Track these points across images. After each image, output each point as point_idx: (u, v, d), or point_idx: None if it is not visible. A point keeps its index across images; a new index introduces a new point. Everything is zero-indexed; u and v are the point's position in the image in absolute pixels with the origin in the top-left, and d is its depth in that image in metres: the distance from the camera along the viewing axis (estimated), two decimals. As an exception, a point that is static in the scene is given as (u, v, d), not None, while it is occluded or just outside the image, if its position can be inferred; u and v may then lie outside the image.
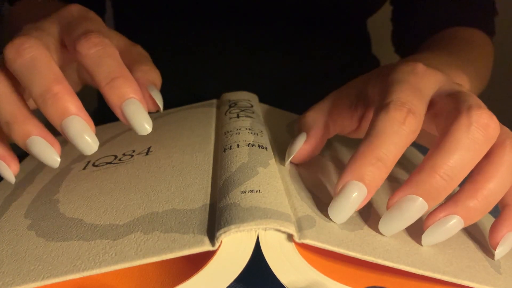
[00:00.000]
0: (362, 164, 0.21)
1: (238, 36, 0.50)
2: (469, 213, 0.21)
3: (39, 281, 0.19)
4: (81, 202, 0.25)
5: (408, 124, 0.21)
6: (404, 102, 0.22)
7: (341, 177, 0.22)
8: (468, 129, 0.21)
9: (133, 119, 0.24)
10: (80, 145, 0.23)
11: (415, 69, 0.25)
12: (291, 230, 0.20)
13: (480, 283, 0.21)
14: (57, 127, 0.23)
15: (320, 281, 0.20)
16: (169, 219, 0.22)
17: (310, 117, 0.28)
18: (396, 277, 0.23)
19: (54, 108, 0.22)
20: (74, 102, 0.23)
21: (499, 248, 0.23)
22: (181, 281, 0.20)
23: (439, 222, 0.22)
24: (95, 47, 0.24)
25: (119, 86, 0.23)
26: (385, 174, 0.21)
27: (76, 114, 0.23)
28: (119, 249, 0.20)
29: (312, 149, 0.27)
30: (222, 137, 0.29)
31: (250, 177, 0.23)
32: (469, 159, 0.21)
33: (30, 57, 0.23)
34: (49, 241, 0.21)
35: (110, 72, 0.23)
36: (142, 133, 0.24)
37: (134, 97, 0.24)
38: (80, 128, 0.23)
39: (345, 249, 0.20)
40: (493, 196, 0.21)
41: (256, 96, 0.38)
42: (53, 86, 0.22)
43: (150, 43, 0.53)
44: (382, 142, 0.21)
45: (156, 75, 0.29)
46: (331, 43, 0.53)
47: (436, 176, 0.21)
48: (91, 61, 0.24)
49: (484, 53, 0.46)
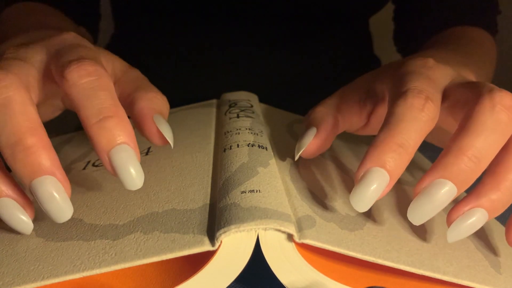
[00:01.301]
0: (383, 151, 0.20)
1: (238, 35, 0.50)
2: (493, 205, 0.21)
3: (39, 281, 0.19)
4: (81, 202, 0.25)
5: (427, 111, 0.21)
6: (422, 89, 0.22)
7: (361, 163, 0.21)
8: (492, 110, 0.20)
9: (123, 170, 0.20)
10: (51, 211, 0.20)
11: (426, 63, 0.25)
12: (291, 230, 0.20)
13: (480, 283, 0.21)
14: (26, 186, 0.20)
15: (320, 281, 0.20)
16: (169, 219, 0.22)
17: (320, 112, 0.27)
18: (396, 277, 0.23)
19: (24, 164, 0.19)
20: (49, 158, 0.19)
21: None
22: (181, 281, 0.20)
23: (463, 216, 0.21)
24: (87, 77, 0.20)
25: (111, 128, 0.20)
26: (407, 161, 0.21)
27: (50, 173, 0.19)
28: (119, 249, 0.20)
29: (322, 144, 0.26)
30: (222, 137, 0.29)
31: (250, 177, 0.23)
32: (496, 140, 0.20)
33: (3, 99, 0.19)
34: (49, 241, 0.21)
35: (102, 109, 0.20)
36: (131, 188, 0.21)
37: (127, 144, 0.20)
38: (52, 190, 0.19)
39: (345, 249, 0.20)
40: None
41: (256, 96, 0.38)
42: (26, 138, 0.19)
43: (150, 43, 0.53)
44: (403, 128, 0.21)
45: (163, 102, 0.26)
46: (333, 42, 0.53)
47: (464, 158, 0.20)
48: (80, 92, 0.20)
49: (487, 51, 0.46)
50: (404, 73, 0.24)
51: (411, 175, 0.32)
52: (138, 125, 0.25)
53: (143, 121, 0.24)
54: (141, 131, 0.25)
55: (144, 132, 0.25)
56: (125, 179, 0.20)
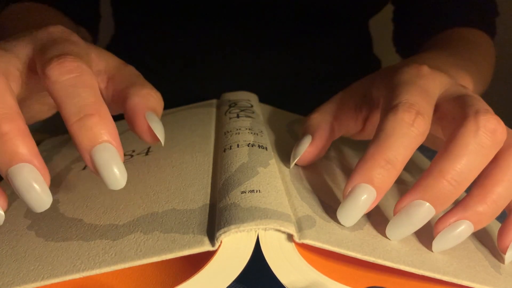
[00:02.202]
0: (371, 167, 0.21)
1: (238, 36, 0.50)
2: (479, 218, 0.21)
3: (39, 281, 0.19)
4: (81, 202, 0.25)
5: (417, 126, 0.21)
6: (413, 103, 0.22)
7: (349, 179, 0.21)
8: (475, 134, 0.21)
9: (105, 170, 0.19)
10: (29, 199, 0.19)
11: (420, 72, 0.25)
12: (291, 230, 0.20)
13: (480, 283, 0.21)
14: (2, 174, 0.19)
15: (320, 281, 0.20)
16: (169, 219, 0.22)
17: (315, 119, 0.27)
18: (396, 277, 0.23)
19: (1, 151, 0.18)
20: (26, 145, 0.19)
21: (509, 251, 0.23)
22: (181, 281, 0.20)
23: (449, 228, 0.22)
24: (68, 74, 0.20)
25: (92, 126, 0.19)
26: (394, 176, 0.21)
27: (27, 161, 0.19)
28: (119, 249, 0.20)
29: (318, 151, 0.26)
30: (222, 137, 0.29)
31: (250, 177, 0.23)
32: (477, 164, 0.21)
33: None
34: (49, 241, 0.21)
35: (82, 107, 0.19)
36: (113, 188, 0.20)
37: (109, 142, 0.20)
38: (30, 178, 0.19)
39: (345, 249, 0.20)
40: (501, 200, 0.21)
41: (256, 96, 0.38)
42: (1, 124, 0.18)
43: (150, 44, 0.53)
44: (392, 144, 0.21)
45: (157, 99, 0.25)
46: (333, 43, 0.53)
47: (443, 181, 0.21)
48: (61, 90, 0.20)
49: (486, 53, 0.46)
50: (397, 83, 0.24)
51: (411, 175, 0.32)
52: (129, 122, 0.24)
53: (135, 118, 0.24)
54: (132, 128, 0.24)
55: (135, 128, 0.24)
56: (107, 178, 0.20)
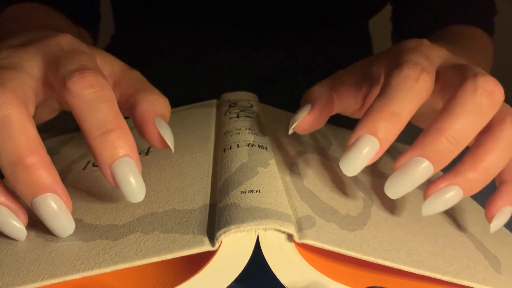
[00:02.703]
0: (376, 118, 0.21)
1: (239, 36, 0.50)
2: (469, 184, 0.22)
3: (39, 281, 0.19)
4: (81, 203, 0.25)
5: (421, 82, 0.22)
6: (417, 62, 0.22)
7: (354, 130, 0.22)
8: (474, 93, 0.21)
9: (125, 183, 0.20)
10: (54, 227, 0.20)
11: (422, 42, 0.25)
12: (291, 230, 0.20)
13: (480, 283, 0.21)
14: (28, 203, 0.20)
15: (320, 281, 0.20)
16: (169, 219, 0.22)
17: (316, 91, 0.28)
18: (396, 277, 0.23)
19: (26, 183, 0.19)
20: (49, 176, 0.19)
21: (495, 221, 0.23)
22: (181, 281, 0.20)
23: (439, 192, 0.22)
24: (90, 88, 0.20)
25: (113, 141, 0.20)
26: (398, 130, 0.21)
27: (51, 191, 0.20)
28: (119, 250, 0.20)
29: (315, 119, 0.26)
30: (222, 137, 0.29)
31: (250, 177, 0.23)
32: (475, 123, 0.21)
33: (2, 117, 0.19)
34: (49, 241, 0.21)
35: (105, 122, 0.20)
36: (132, 201, 0.21)
37: (129, 156, 0.20)
38: (55, 208, 0.20)
39: (345, 249, 0.20)
40: (492, 168, 0.22)
41: (256, 96, 0.38)
42: (26, 157, 0.19)
43: (150, 44, 0.53)
44: (397, 97, 0.21)
45: (165, 104, 0.25)
46: (333, 43, 0.53)
47: (442, 139, 0.21)
48: (83, 104, 0.20)
49: (484, 50, 0.46)
50: (400, 50, 0.25)
51: None
52: (139, 128, 0.25)
53: (145, 125, 0.24)
54: (142, 134, 0.25)
55: (145, 135, 0.25)
56: (126, 191, 0.21)
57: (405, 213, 0.26)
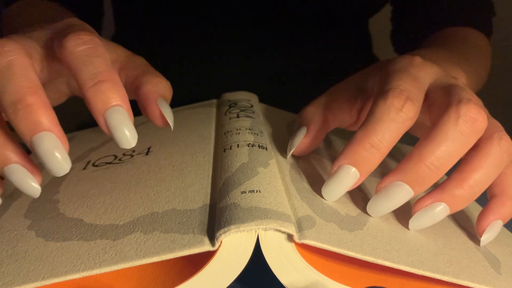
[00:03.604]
0: (356, 149, 0.22)
1: (239, 36, 0.50)
2: (455, 201, 0.22)
3: (39, 281, 0.19)
4: (81, 202, 0.25)
5: (405, 111, 0.22)
6: (403, 89, 0.23)
7: (336, 159, 0.23)
8: (456, 122, 0.22)
9: (117, 130, 0.21)
10: (50, 165, 0.21)
11: (413, 61, 0.26)
12: (291, 230, 0.20)
13: (480, 283, 0.21)
14: (27, 142, 0.21)
15: (320, 281, 0.20)
16: (169, 219, 0.22)
17: (310, 112, 0.28)
18: (396, 277, 0.23)
19: (25, 121, 0.20)
20: (48, 116, 0.21)
21: (485, 235, 0.24)
22: (181, 281, 0.20)
23: (426, 208, 0.23)
24: (83, 45, 0.22)
25: (105, 91, 0.21)
26: (378, 160, 0.22)
27: (49, 130, 0.21)
28: (119, 249, 0.20)
29: (312, 142, 0.27)
30: (222, 137, 0.29)
31: (250, 177, 0.23)
32: (456, 151, 0.22)
33: (6, 62, 0.21)
34: (49, 241, 0.21)
35: (97, 74, 0.21)
36: (124, 146, 0.22)
37: (121, 105, 0.21)
38: (52, 146, 0.20)
39: (345, 249, 0.20)
40: (478, 186, 0.22)
41: (256, 96, 0.38)
42: (26, 96, 0.20)
43: (150, 43, 0.53)
44: (378, 129, 0.22)
45: (167, 86, 0.27)
46: (333, 43, 0.53)
47: (422, 166, 0.22)
48: (77, 59, 0.22)
49: (482, 52, 0.47)
50: (390, 71, 0.25)
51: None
52: (142, 107, 0.26)
53: (148, 104, 0.26)
54: (145, 113, 0.26)
55: (148, 114, 0.26)
56: (119, 138, 0.22)
57: (405, 213, 0.26)
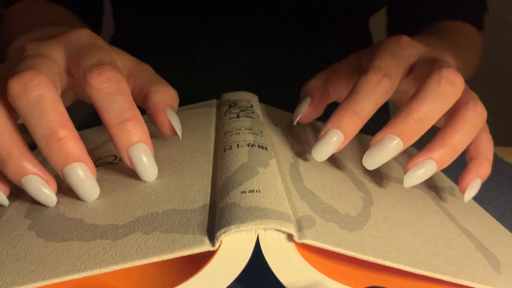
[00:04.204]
0: (341, 116, 0.26)
1: (239, 35, 0.50)
2: (441, 158, 0.26)
3: (39, 281, 0.19)
4: (81, 203, 0.25)
5: (382, 85, 0.26)
6: (382, 67, 0.26)
7: (325, 125, 0.26)
8: (438, 83, 0.25)
9: (140, 164, 0.24)
10: (81, 192, 0.23)
11: (399, 40, 0.29)
12: (291, 230, 0.20)
13: (479, 283, 0.21)
14: (59, 172, 0.23)
15: (320, 281, 0.20)
16: (169, 219, 0.22)
17: (313, 84, 0.32)
18: (396, 277, 0.23)
19: (58, 153, 0.22)
20: (78, 147, 0.22)
21: (467, 192, 0.28)
22: (181, 281, 0.20)
23: (417, 166, 0.26)
24: (107, 82, 0.23)
25: (129, 129, 0.23)
26: (359, 125, 0.26)
27: (79, 161, 0.22)
28: (119, 249, 0.20)
29: (316, 110, 0.31)
30: (222, 137, 0.29)
31: (250, 177, 0.23)
32: (438, 107, 0.25)
33: (37, 96, 0.22)
34: (49, 241, 0.22)
35: (122, 112, 0.23)
36: (146, 179, 0.25)
37: (143, 142, 0.24)
38: (82, 176, 0.23)
39: (345, 249, 0.20)
40: (459, 144, 0.26)
41: (256, 96, 0.38)
42: (58, 130, 0.22)
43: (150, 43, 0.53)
44: (359, 99, 0.26)
45: (175, 96, 0.29)
46: (333, 42, 0.53)
47: (410, 120, 0.25)
48: (102, 97, 0.23)
49: (472, 44, 0.50)
50: (377, 50, 0.29)
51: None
52: (151, 117, 0.28)
53: (157, 114, 0.27)
54: (154, 123, 0.28)
55: (156, 123, 0.28)
56: (141, 172, 0.24)
57: (404, 213, 0.26)
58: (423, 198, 0.29)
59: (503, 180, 0.39)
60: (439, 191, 0.31)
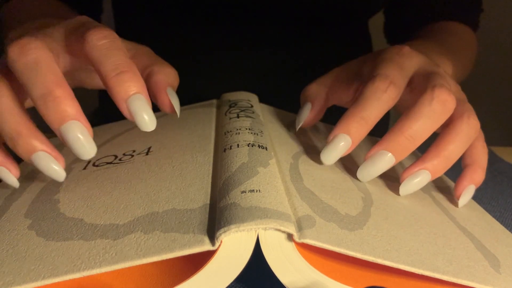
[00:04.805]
0: (349, 122, 0.27)
1: (239, 36, 0.50)
2: (435, 168, 0.27)
3: (39, 280, 0.19)
4: (81, 202, 0.25)
5: (389, 92, 0.27)
6: (388, 75, 0.27)
7: (333, 130, 0.27)
8: (430, 102, 0.26)
9: (138, 115, 0.24)
10: (77, 150, 0.23)
11: (401, 50, 0.30)
12: (291, 230, 0.20)
13: (479, 283, 0.21)
14: (56, 130, 0.23)
15: (320, 281, 0.20)
16: (169, 219, 0.22)
17: (314, 89, 0.33)
18: (396, 277, 0.23)
19: (54, 111, 0.22)
20: (74, 106, 0.23)
21: (462, 198, 0.29)
22: (181, 281, 0.20)
23: (412, 175, 0.27)
24: (104, 39, 0.24)
25: (127, 80, 0.24)
26: (366, 130, 0.27)
27: (75, 119, 0.23)
28: (119, 249, 0.20)
29: (316, 116, 0.32)
30: (222, 137, 0.29)
31: (250, 177, 0.23)
32: (429, 125, 0.26)
33: (33, 58, 0.23)
34: (50, 240, 0.22)
35: (119, 65, 0.24)
36: (145, 130, 0.25)
37: (140, 93, 0.24)
38: (78, 133, 0.23)
39: (345, 248, 0.20)
40: (452, 155, 0.27)
41: (256, 96, 0.38)
42: (54, 89, 0.22)
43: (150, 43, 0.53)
44: (367, 105, 0.26)
45: (175, 76, 0.30)
46: (333, 42, 0.53)
47: (402, 137, 0.26)
48: (99, 51, 0.24)
49: (468, 45, 0.51)
50: (381, 59, 0.29)
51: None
52: (153, 95, 0.28)
53: (159, 92, 0.28)
54: (155, 100, 0.28)
55: (157, 101, 0.28)
56: (140, 123, 0.24)
57: (404, 213, 0.26)
58: (423, 198, 0.29)
59: (503, 180, 0.39)
60: (439, 191, 0.31)
